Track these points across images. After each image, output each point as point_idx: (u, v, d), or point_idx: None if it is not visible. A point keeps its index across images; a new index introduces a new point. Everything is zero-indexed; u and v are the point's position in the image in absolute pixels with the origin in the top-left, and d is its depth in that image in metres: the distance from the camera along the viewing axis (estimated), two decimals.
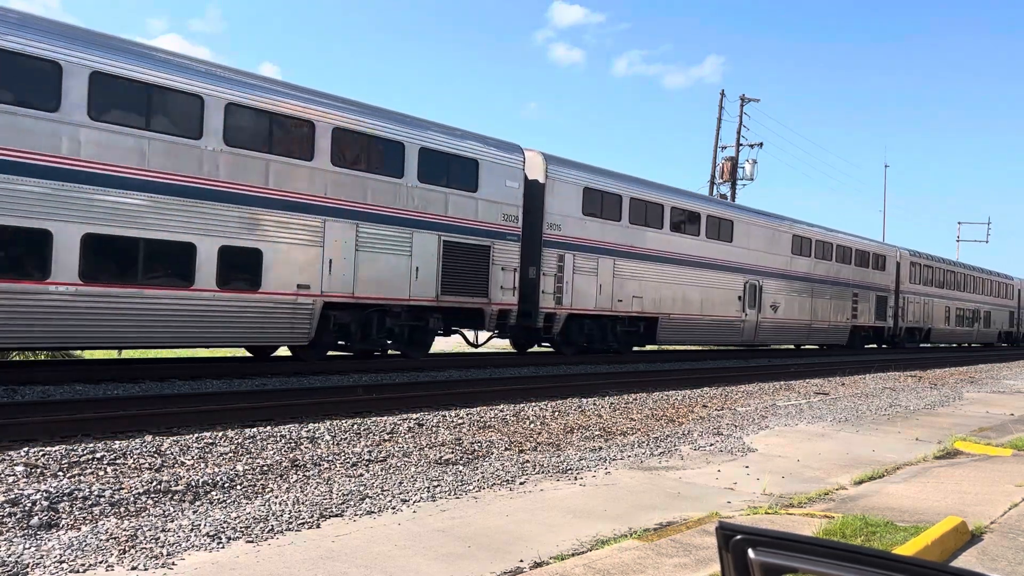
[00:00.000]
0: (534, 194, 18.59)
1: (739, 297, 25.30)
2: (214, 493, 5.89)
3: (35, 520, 4.95)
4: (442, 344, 20.33)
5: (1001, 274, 53.68)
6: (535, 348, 21.17)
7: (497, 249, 17.28)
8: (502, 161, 17.50)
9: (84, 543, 4.60)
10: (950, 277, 43.23)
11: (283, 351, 16.48)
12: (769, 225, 27.42)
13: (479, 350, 20.01)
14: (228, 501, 5.76)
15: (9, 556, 4.34)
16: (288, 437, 7.95)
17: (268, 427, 8.38)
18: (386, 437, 8.45)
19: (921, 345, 40.60)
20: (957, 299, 43.90)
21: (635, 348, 23.01)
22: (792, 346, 32.32)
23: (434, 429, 9.05)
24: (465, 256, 16.55)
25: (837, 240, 31.65)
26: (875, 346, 36.69)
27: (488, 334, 18.74)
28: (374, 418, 9.41)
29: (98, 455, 6.62)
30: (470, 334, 18.99)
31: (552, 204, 18.85)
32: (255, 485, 6.19)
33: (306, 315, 13.72)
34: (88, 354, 16.06)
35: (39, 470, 6.08)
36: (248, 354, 16.29)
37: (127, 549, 4.56)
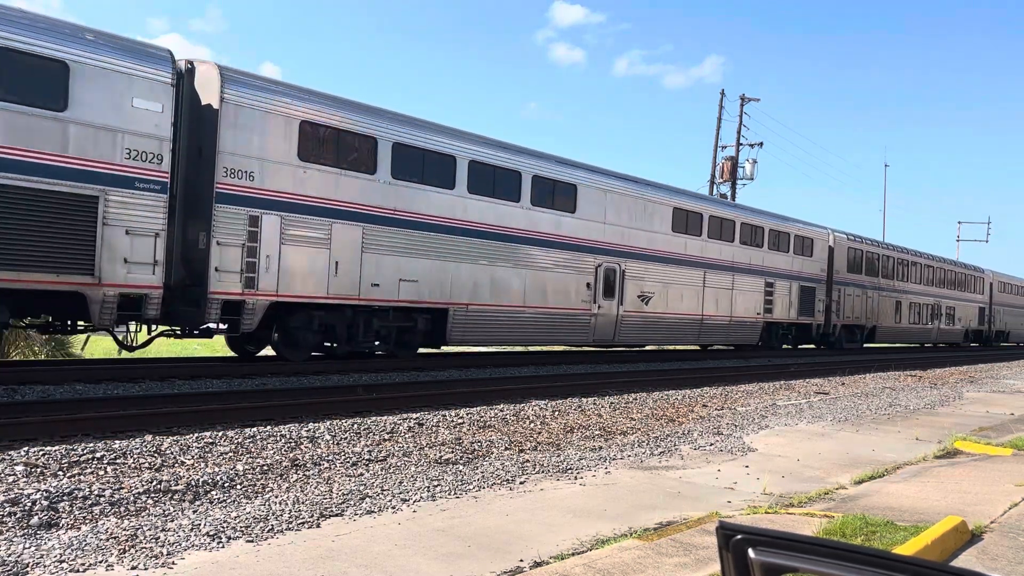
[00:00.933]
0: (205, 125, 13.02)
1: (588, 284, 19.58)
2: (214, 493, 5.89)
3: (35, 520, 4.95)
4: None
5: (968, 265, 47.78)
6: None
7: (113, 202, 11.46)
8: (125, 70, 11.65)
9: (84, 543, 4.60)
10: (902, 267, 37.09)
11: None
12: (637, 194, 21.30)
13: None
14: (228, 501, 5.76)
15: (9, 556, 4.34)
16: (288, 437, 7.95)
17: (268, 427, 8.38)
18: (386, 437, 8.45)
19: (865, 345, 34.69)
20: (911, 292, 37.77)
21: (421, 350, 17.25)
22: (672, 347, 26.19)
23: (434, 429, 9.05)
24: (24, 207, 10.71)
25: (743, 218, 25.67)
26: (800, 346, 31.07)
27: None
28: (374, 418, 9.41)
29: (98, 455, 6.62)
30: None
31: (238, 141, 13.02)
32: (255, 485, 6.19)
33: None
34: (88, 354, 16.05)
35: (39, 470, 6.08)
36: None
37: (127, 549, 4.56)
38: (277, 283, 13.56)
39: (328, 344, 15.36)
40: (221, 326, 13.44)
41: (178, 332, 13.27)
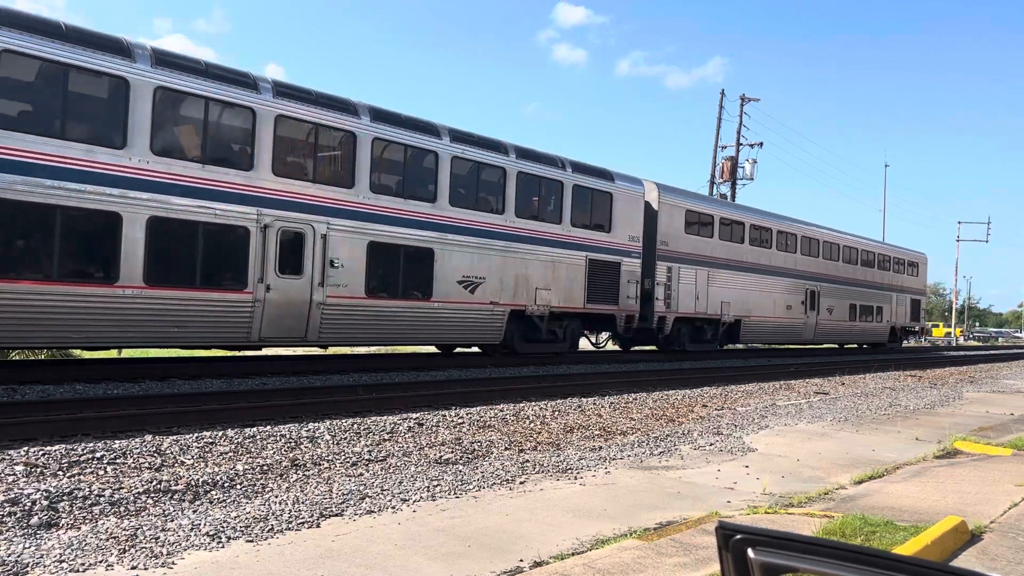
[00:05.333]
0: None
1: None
2: (214, 492, 5.89)
3: (35, 519, 4.95)
4: None
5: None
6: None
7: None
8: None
9: (84, 542, 4.60)
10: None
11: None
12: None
13: None
14: (228, 500, 5.76)
15: (9, 555, 4.34)
16: (288, 437, 7.95)
17: (268, 427, 8.38)
18: (386, 437, 8.45)
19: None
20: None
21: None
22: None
23: (434, 429, 9.05)
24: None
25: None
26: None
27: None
28: (374, 418, 9.41)
29: (98, 455, 6.62)
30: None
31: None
32: (255, 484, 6.19)
33: None
34: (88, 354, 16.05)
35: (39, 469, 6.08)
36: (247, 353, 16.27)
37: (127, 548, 4.56)
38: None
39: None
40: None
41: None
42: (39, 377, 11.40)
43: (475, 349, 20.34)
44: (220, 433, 7.89)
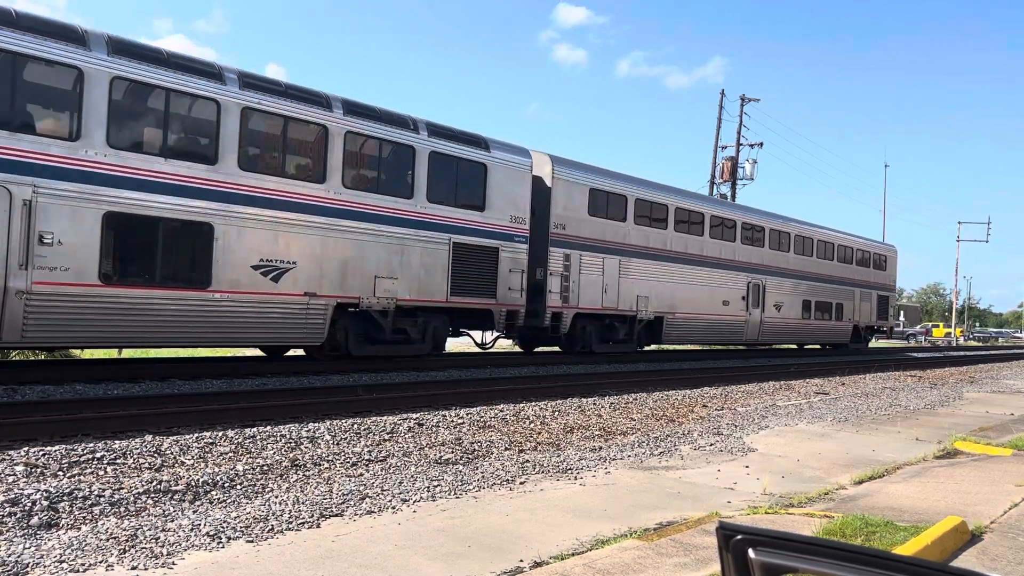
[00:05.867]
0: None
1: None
2: (214, 493, 5.89)
3: (35, 520, 4.95)
4: None
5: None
6: None
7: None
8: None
9: (84, 543, 4.60)
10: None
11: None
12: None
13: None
14: (228, 501, 5.76)
15: (9, 556, 4.34)
16: (288, 437, 7.95)
17: (268, 427, 8.38)
18: (386, 437, 8.45)
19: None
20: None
21: None
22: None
23: (434, 429, 9.05)
24: None
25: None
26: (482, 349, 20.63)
27: None
28: (374, 418, 9.41)
29: (98, 455, 6.62)
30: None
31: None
32: (255, 485, 6.19)
33: None
34: (88, 354, 16.05)
35: (39, 470, 6.08)
36: (247, 353, 16.28)
37: (127, 549, 4.56)
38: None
39: None
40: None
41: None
42: (39, 377, 11.40)
43: (479, 347, 20.06)
44: (220, 433, 7.89)
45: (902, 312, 78.80)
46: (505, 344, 23.00)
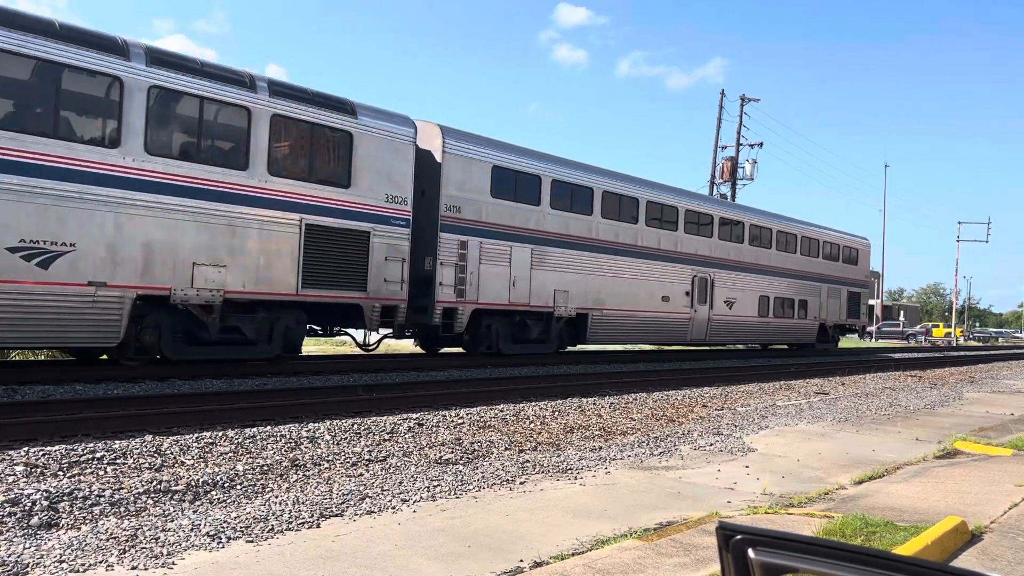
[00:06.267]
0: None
1: None
2: (214, 493, 5.89)
3: (35, 520, 4.95)
4: None
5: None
6: None
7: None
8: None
9: (84, 543, 4.60)
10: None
11: None
12: None
13: None
14: (228, 501, 5.76)
15: (9, 556, 4.34)
16: (288, 437, 7.96)
17: (268, 427, 8.39)
18: (386, 437, 8.46)
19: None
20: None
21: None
22: None
23: (434, 429, 9.05)
24: None
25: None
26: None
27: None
28: (374, 418, 9.41)
29: (98, 455, 6.62)
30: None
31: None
32: (255, 485, 6.19)
33: None
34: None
35: (39, 470, 6.08)
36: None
37: (127, 549, 4.56)
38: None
39: None
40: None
41: None
42: (39, 377, 11.39)
43: (463, 349, 19.04)
44: (220, 433, 7.89)
45: (902, 312, 78.80)
46: (405, 345, 20.70)
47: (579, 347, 21.57)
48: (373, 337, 17.34)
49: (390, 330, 16.48)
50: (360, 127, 14.78)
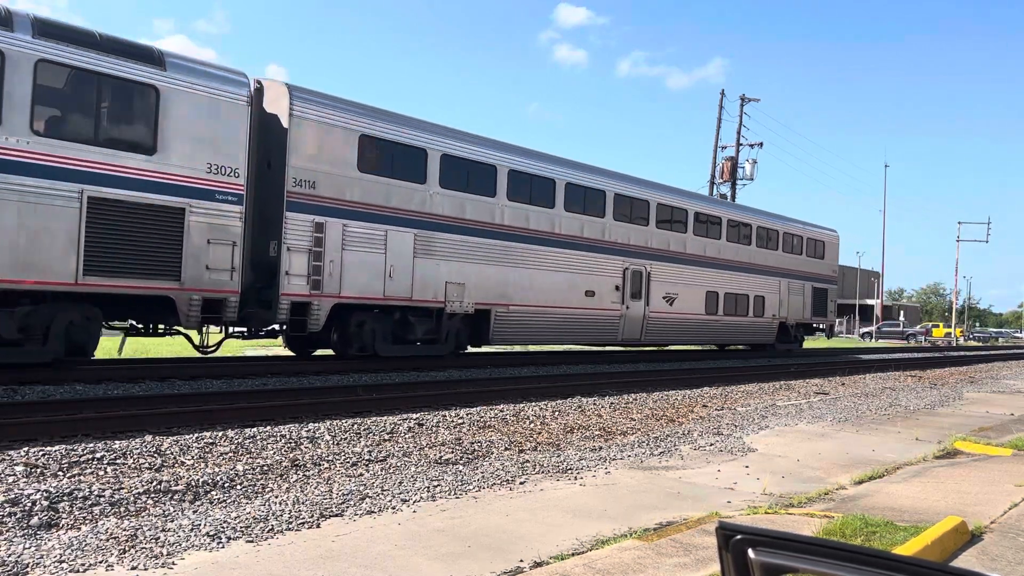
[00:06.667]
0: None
1: None
2: (214, 493, 5.89)
3: (35, 520, 4.95)
4: None
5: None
6: None
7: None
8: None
9: (84, 543, 4.60)
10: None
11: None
12: None
13: None
14: (228, 501, 5.76)
15: (9, 556, 4.34)
16: (288, 437, 7.96)
17: (268, 427, 8.39)
18: (386, 437, 8.46)
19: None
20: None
21: None
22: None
23: (434, 429, 9.05)
24: None
25: None
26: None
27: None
28: (374, 418, 9.41)
29: (98, 455, 6.62)
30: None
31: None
32: (255, 485, 6.19)
33: None
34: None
35: (39, 470, 6.08)
36: (247, 353, 16.26)
37: (127, 549, 4.56)
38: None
39: None
40: None
41: None
42: (39, 377, 11.39)
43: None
44: (220, 433, 7.89)
45: (902, 312, 78.81)
46: (270, 347, 18.16)
47: (485, 348, 19.31)
48: (217, 336, 14.29)
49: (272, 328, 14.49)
50: (170, 82, 12.23)
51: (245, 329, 14.52)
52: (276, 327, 14.52)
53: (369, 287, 15.12)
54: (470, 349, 18.57)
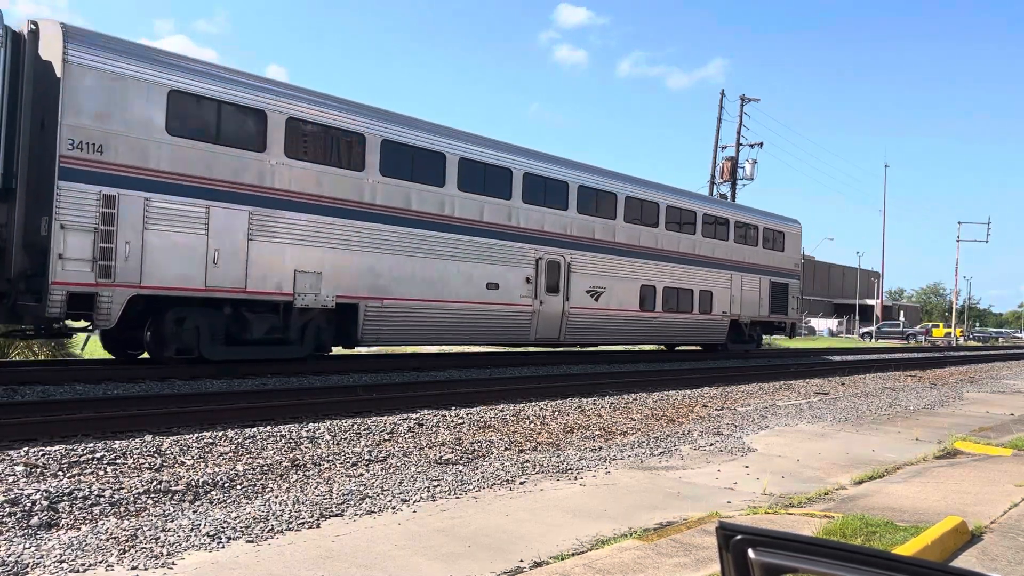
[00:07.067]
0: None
1: None
2: (214, 493, 5.89)
3: (35, 520, 4.95)
4: None
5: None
6: None
7: None
8: None
9: (84, 543, 4.60)
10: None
11: None
12: None
13: None
14: (228, 501, 5.76)
15: (9, 556, 4.34)
16: (288, 437, 7.96)
17: (268, 427, 8.39)
18: (386, 437, 8.46)
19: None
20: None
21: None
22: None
23: (434, 429, 9.05)
24: None
25: None
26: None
27: None
28: (374, 418, 9.41)
29: (98, 455, 6.62)
30: None
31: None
32: (255, 485, 6.19)
33: None
34: (87, 354, 16.03)
35: (39, 470, 6.08)
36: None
37: (127, 549, 4.56)
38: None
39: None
40: None
41: None
42: (39, 377, 11.40)
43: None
44: (220, 433, 7.89)
45: (902, 312, 78.82)
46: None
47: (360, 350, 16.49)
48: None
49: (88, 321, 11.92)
50: None
51: (29, 327, 12.13)
52: (57, 324, 11.81)
53: (184, 276, 12.45)
54: (341, 351, 16.08)
